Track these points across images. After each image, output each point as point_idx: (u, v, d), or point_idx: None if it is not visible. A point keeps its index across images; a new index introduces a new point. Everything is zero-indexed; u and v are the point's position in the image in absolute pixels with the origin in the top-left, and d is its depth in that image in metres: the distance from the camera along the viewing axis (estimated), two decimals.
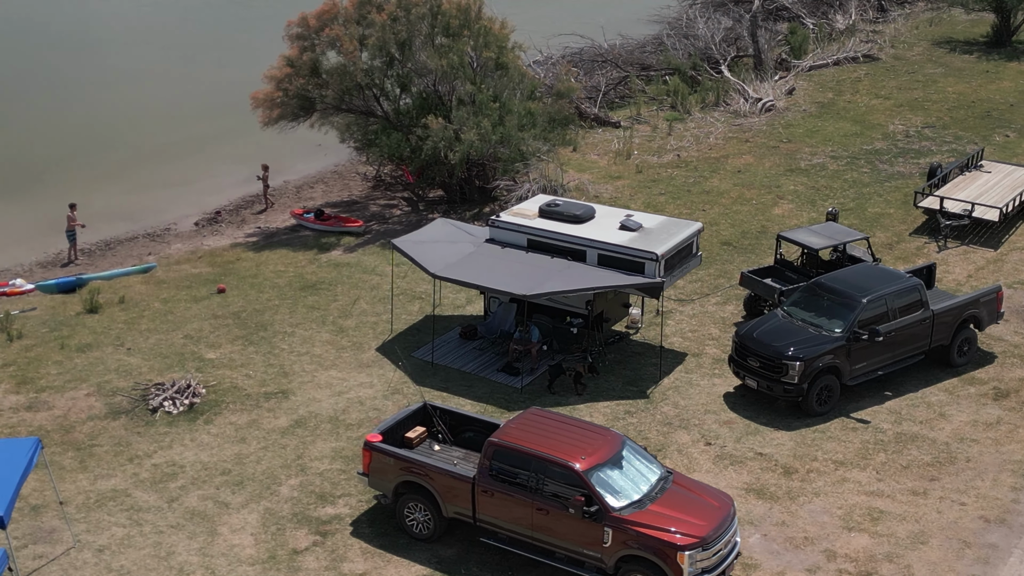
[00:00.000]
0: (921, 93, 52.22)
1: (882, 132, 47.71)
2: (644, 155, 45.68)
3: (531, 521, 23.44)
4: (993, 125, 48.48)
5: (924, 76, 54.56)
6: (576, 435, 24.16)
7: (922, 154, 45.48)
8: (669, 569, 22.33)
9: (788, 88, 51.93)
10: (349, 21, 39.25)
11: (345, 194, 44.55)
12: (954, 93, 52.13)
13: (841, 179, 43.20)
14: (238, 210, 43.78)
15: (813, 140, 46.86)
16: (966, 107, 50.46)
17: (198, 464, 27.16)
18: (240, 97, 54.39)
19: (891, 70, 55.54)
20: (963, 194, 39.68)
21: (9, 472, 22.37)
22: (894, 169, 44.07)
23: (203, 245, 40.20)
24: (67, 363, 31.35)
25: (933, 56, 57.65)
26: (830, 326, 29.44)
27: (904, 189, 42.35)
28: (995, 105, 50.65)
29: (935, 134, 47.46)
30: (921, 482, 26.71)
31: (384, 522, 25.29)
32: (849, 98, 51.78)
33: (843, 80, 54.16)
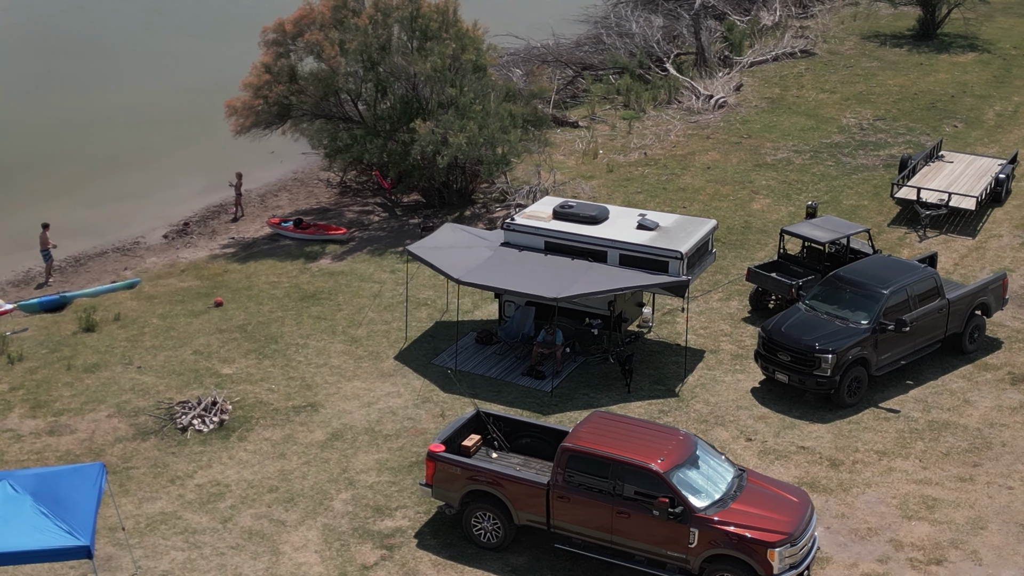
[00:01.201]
0: (864, 87, 53.18)
1: (837, 126, 48.49)
2: (610, 154, 45.78)
3: (611, 525, 23.33)
4: (940, 116, 49.58)
5: (863, 70, 55.58)
6: (648, 436, 24.11)
7: (880, 146, 46.33)
8: (759, 567, 22.37)
9: (736, 84, 52.46)
10: (327, 26, 38.61)
11: (313, 202, 43.88)
12: (895, 86, 53.19)
13: (809, 173, 43.79)
14: (206, 221, 42.86)
15: (772, 135, 47.44)
16: (910, 99, 51.52)
17: (243, 482, 26.50)
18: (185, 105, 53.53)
19: (829, 65, 56.47)
20: (933, 184, 40.47)
21: (84, 499, 21.62)
22: (857, 162, 44.81)
23: (180, 258, 39.27)
24: (78, 384, 30.36)
25: (865, 50, 58.77)
26: (856, 318, 29.80)
27: (872, 181, 43.09)
28: (937, 97, 51.80)
29: (887, 126, 48.38)
30: (965, 468, 27.16)
31: (448, 532, 24.95)
32: (796, 93, 52.53)
33: (785, 76, 54.92)
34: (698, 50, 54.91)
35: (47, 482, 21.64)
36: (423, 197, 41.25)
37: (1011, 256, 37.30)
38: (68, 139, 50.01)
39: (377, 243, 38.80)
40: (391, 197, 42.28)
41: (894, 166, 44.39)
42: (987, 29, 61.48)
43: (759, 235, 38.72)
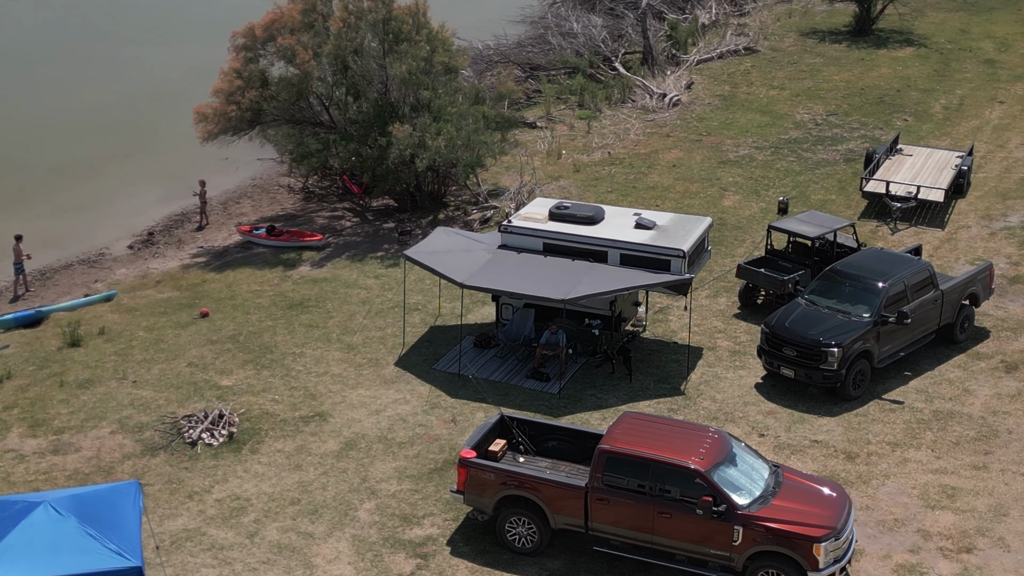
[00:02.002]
0: (811, 83, 53.82)
1: (792, 122, 49.00)
2: (573, 154, 45.78)
3: (652, 525, 23.29)
4: (890, 110, 50.34)
5: (807, 66, 56.25)
6: (683, 435, 24.13)
7: (837, 141, 46.91)
8: (805, 562, 22.48)
9: (687, 83, 52.78)
10: (297, 30, 38.09)
11: (278, 208, 43.29)
12: (841, 81, 53.90)
13: (773, 169, 44.19)
14: (170, 230, 42.10)
15: (731, 132, 47.80)
16: (857, 94, 52.23)
17: (263, 496, 26.03)
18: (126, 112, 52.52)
19: (773, 61, 57.06)
20: (897, 177, 41.06)
21: (127, 519, 21.09)
22: (818, 157, 45.32)
23: (150, 269, 38.51)
24: (74, 401, 29.61)
25: (806, 46, 59.48)
26: (857, 311, 30.10)
27: (836, 176, 43.62)
28: (884, 91, 52.59)
29: (840, 121, 49.00)
30: (977, 457, 27.56)
31: (480, 539, 24.75)
32: (746, 90, 52.99)
33: (733, 73, 55.37)
34: (646, 49, 55.15)
35: (88, 503, 21.06)
36: (395, 201, 40.85)
37: (983, 246, 37.95)
38: (8, 150, 48.70)
39: (355, 249, 38.39)
40: (361, 202, 41.84)
41: (854, 160, 44.98)
42: (920, 24, 62.58)
43: (735, 231, 38.95)
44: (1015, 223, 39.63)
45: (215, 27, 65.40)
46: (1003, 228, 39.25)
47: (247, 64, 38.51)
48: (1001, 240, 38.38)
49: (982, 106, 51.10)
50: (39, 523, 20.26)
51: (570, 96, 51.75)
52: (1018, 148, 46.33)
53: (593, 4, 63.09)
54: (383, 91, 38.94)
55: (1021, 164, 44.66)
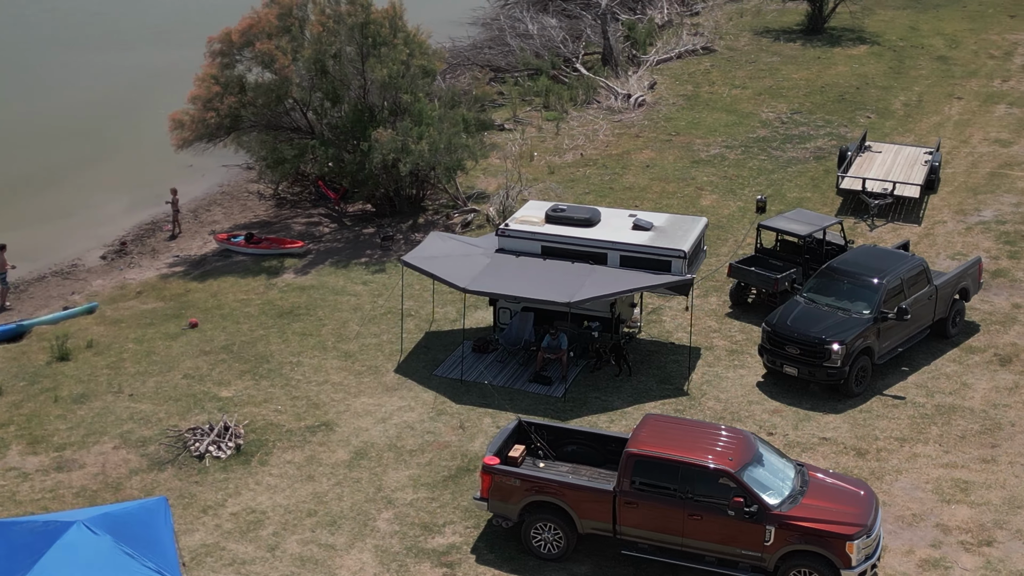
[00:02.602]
0: (772, 81, 54.17)
1: (758, 120, 49.28)
2: (545, 156, 45.68)
3: (682, 528, 23.21)
4: (852, 108, 50.81)
5: (765, 65, 56.62)
6: (709, 437, 24.11)
7: (805, 139, 47.25)
8: (839, 560, 22.53)
9: (650, 83, 52.91)
10: (274, 35, 37.63)
11: (250, 215, 42.75)
12: (801, 80, 54.32)
13: (746, 167, 44.39)
14: (142, 239, 41.42)
15: (699, 131, 47.97)
16: (819, 92, 52.67)
17: (279, 508, 25.64)
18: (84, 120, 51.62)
19: (731, 61, 57.38)
20: (871, 173, 41.42)
21: (161, 536, 20.68)
22: (788, 155, 45.60)
23: (128, 279, 37.87)
24: (71, 416, 28.99)
25: (761, 45, 59.89)
26: (857, 308, 30.29)
27: (808, 173, 43.91)
28: (844, 89, 53.07)
29: (805, 120, 49.38)
30: (984, 450, 27.82)
31: (504, 545, 24.56)
32: (709, 89, 53.23)
33: (693, 72, 55.60)
34: (606, 50, 55.18)
35: (120, 521, 20.61)
36: (373, 206, 40.49)
37: (961, 241, 38.38)
38: None
39: (337, 255, 38.01)
40: (337, 207, 41.42)
41: (824, 158, 45.33)
42: (870, 22, 63.28)
43: (716, 231, 39.04)
44: (989, 217, 40.11)
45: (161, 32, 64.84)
46: (978, 223, 39.70)
47: (223, 70, 37.92)
48: (978, 235, 38.81)
49: (941, 102, 51.72)
50: (74, 543, 19.79)
51: (534, 98, 51.60)
52: (981, 144, 46.93)
53: (545, 4, 63.05)
54: (361, 96, 38.54)
55: (987, 159, 45.23)
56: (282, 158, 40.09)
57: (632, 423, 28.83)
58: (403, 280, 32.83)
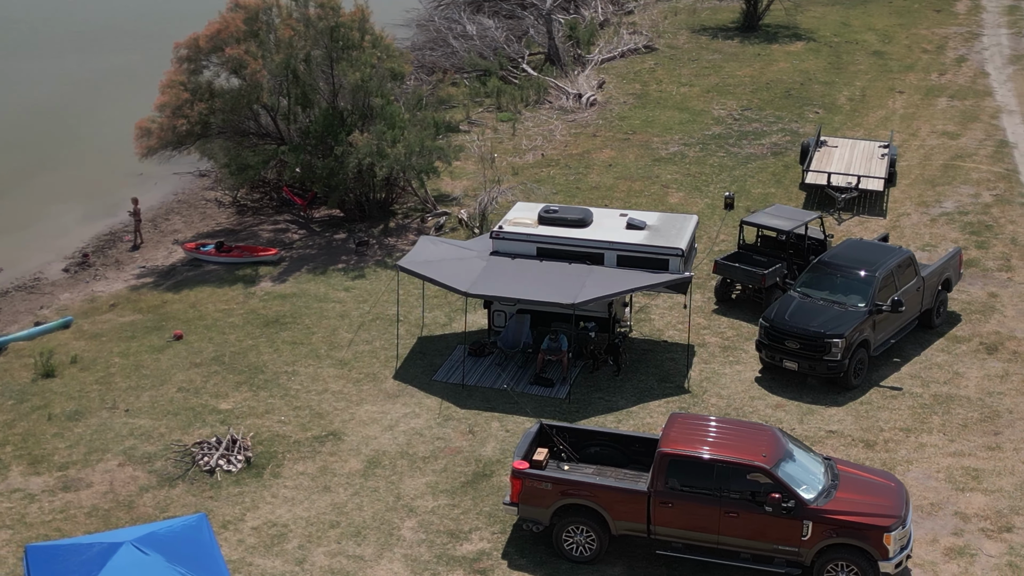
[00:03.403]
0: (717, 79, 54.58)
1: (711, 118, 49.63)
2: (505, 157, 45.54)
3: (718, 526, 23.25)
4: (799, 104, 51.39)
5: (708, 62, 57.05)
6: (739, 434, 24.21)
7: (759, 135, 47.67)
8: (876, 552, 22.72)
9: (599, 82, 53.03)
10: (243, 40, 37.04)
11: (212, 223, 42.04)
12: (745, 77, 54.81)
13: (707, 165, 44.68)
14: (104, 251, 40.52)
15: (655, 130, 48.18)
16: (765, 89, 53.18)
17: (300, 520, 25.24)
18: (21, 131, 50.30)
19: (674, 59, 57.73)
20: (831, 168, 41.91)
21: (209, 554, 20.21)
22: (746, 152, 45.98)
23: (96, 292, 37.01)
24: (68, 434, 28.26)
25: (701, 43, 60.32)
26: (852, 301, 30.62)
27: (768, 169, 44.32)
28: (788, 85, 53.66)
29: (757, 116, 49.82)
30: (988, 438, 28.29)
31: (534, 550, 24.43)
32: (657, 87, 53.48)
33: (638, 71, 55.84)
34: (551, 50, 55.17)
35: (167, 540, 20.16)
36: (342, 212, 40.03)
37: (928, 232, 39.00)
38: None
39: (312, 262, 37.52)
40: (304, 213, 40.90)
41: (780, 153, 45.79)
42: (803, 19, 64.04)
43: None
44: (951, 208, 40.79)
45: (89, 38, 63.57)
46: (941, 214, 40.36)
47: (191, 76, 37.23)
48: (943, 226, 39.46)
49: (884, 96, 52.51)
50: (126, 564, 19.30)
51: (485, 99, 51.41)
52: (930, 136, 47.70)
53: (480, 5, 62.84)
54: (331, 100, 38.08)
55: (938, 151, 45.99)
56: (245, 164, 39.43)
57: (638, 423, 28.85)
58: (399, 286, 32.40)
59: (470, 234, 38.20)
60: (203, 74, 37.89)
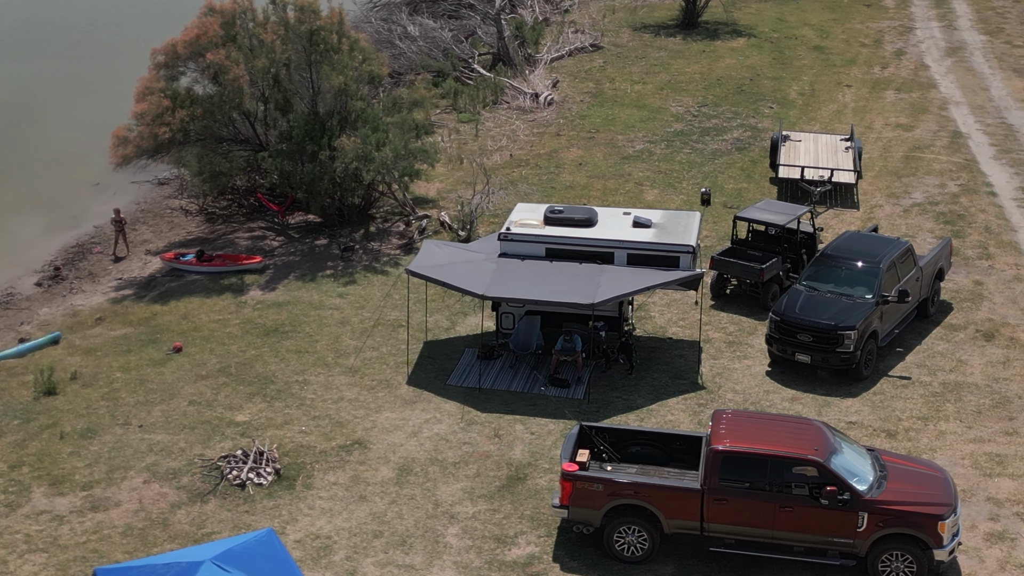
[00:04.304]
0: (668, 76, 54.89)
1: (670, 115, 49.89)
2: (473, 158, 45.32)
3: (773, 521, 23.33)
4: (753, 99, 51.87)
5: (656, 60, 57.33)
6: (787, 428, 24.38)
7: (721, 131, 48.03)
8: (930, 539, 22.99)
9: (553, 81, 53.03)
10: (221, 45, 36.37)
11: (182, 232, 41.23)
12: (695, 74, 55.18)
13: (675, 162, 44.90)
14: (74, 263, 39.52)
15: (617, 128, 48.30)
16: (717, 85, 53.58)
17: (342, 531, 24.86)
18: None
19: (621, 57, 57.92)
20: (800, 161, 42.35)
21: (287, 567, 19.77)
22: (711, 148, 46.29)
23: (77, 306, 36.11)
24: (84, 452, 27.53)
25: (645, 41, 60.60)
26: (859, 293, 30.97)
27: (736, 164, 44.68)
28: (739, 81, 54.13)
29: (714, 112, 50.18)
30: (1004, 423, 28.79)
31: (584, 552, 24.36)
32: (610, 85, 53.62)
33: (589, 70, 55.93)
34: (500, 49, 55.03)
35: (244, 556, 19.72)
36: (321, 217, 39.50)
37: (904, 223, 39.60)
38: None
39: (298, 268, 36.97)
40: (280, 219, 40.29)
41: (744, 149, 46.19)
42: (741, 16, 64.61)
43: None
44: (921, 199, 41.47)
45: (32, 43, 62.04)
46: (913, 205, 41.01)
47: (168, 82, 36.48)
48: (917, 216, 40.09)
49: (832, 90, 53.21)
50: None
51: (440, 100, 51.09)
52: (885, 129, 48.45)
53: (416, 5, 62.40)
54: (312, 104, 37.56)
55: (896, 144, 46.71)
56: (218, 171, 38.75)
57: (659, 420, 28.89)
58: (408, 291, 32.01)
59: (455, 236, 37.94)
60: (179, 80, 37.08)
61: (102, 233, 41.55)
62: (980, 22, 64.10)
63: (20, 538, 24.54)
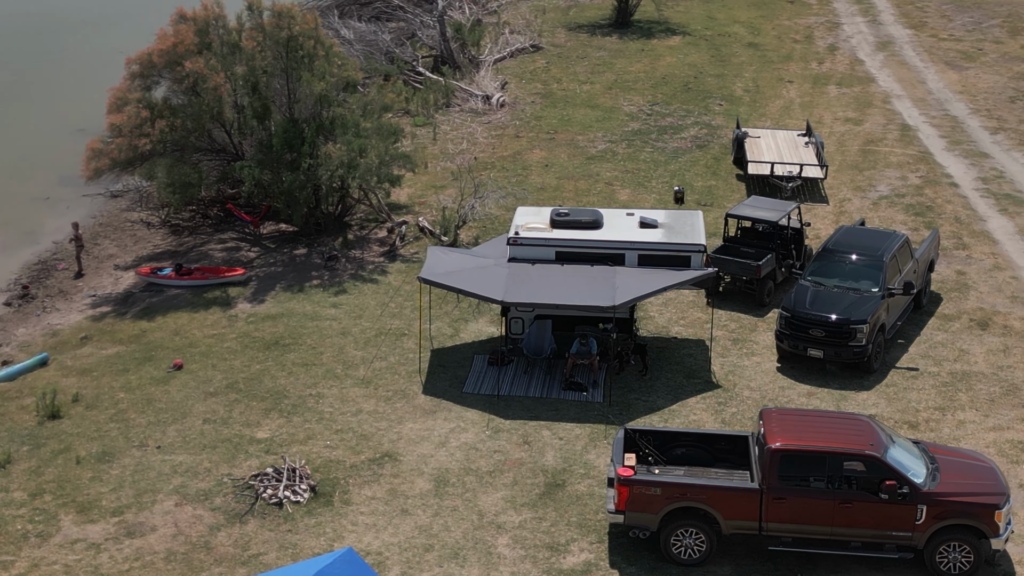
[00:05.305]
0: (613, 75, 54.97)
1: (624, 114, 49.96)
2: (438, 162, 44.91)
3: (832, 517, 23.42)
4: (701, 97, 52.19)
5: (597, 60, 57.38)
6: (838, 424, 24.53)
7: (677, 129, 48.23)
8: (987, 529, 23.26)
9: (501, 83, 52.81)
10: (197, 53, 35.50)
11: (149, 246, 40.19)
12: (639, 73, 55.35)
13: (640, 161, 44.97)
14: (41, 281, 38.28)
15: (575, 128, 48.23)
16: (663, 84, 53.82)
17: (392, 547, 24.41)
18: None
19: (562, 57, 57.87)
20: (765, 157, 42.72)
21: None
22: (671, 146, 46.46)
23: (55, 325, 34.95)
24: (107, 477, 26.65)
25: (581, 40, 60.61)
26: (865, 286, 31.28)
27: (700, 162, 44.89)
28: (684, 79, 54.43)
29: (666, 110, 50.38)
30: (1018, 410, 29.31)
31: (640, 556, 24.25)
32: (558, 86, 53.53)
33: (533, 70, 55.79)
34: (444, 51, 54.63)
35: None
36: (296, 226, 38.77)
37: (876, 215, 40.14)
38: None
39: (283, 280, 36.25)
40: (254, 230, 39.47)
41: (705, 146, 46.45)
42: (671, 14, 64.99)
43: None
44: (887, 192, 42.06)
45: None
46: (881, 198, 41.58)
47: (144, 93, 35.50)
48: (887, 208, 40.64)
49: (776, 87, 53.76)
50: None
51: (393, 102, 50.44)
52: (835, 123, 49.07)
53: (344, 8, 61.66)
54: (289, 112, 36.84)
55: (849, 138, 47.34)
56: (188, 183, 37.86)
57: (682, 420, 28.88)
58: (420, 301, 31.51)
59: (437, 242, 37.52)
60: (153, 90, 36.12)
61: (63, 249, 40.32)
62: (902, 16, 65.26)
63: (59, 569, 23.63)
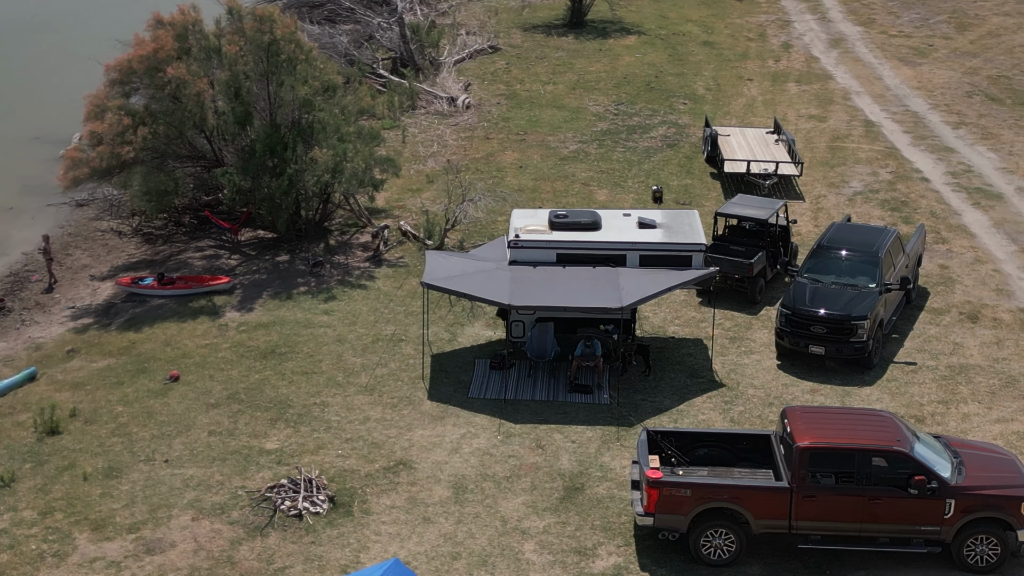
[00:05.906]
0: (575, 76, 54.92)
1: (591, 114, 49.92)
2: (410, 164, 44.58)
3: (861, 514, 23.50)
4: (664, 96, 52.30)
5: (556, 60, 57.30)
6: (863, 421, 24.65)
7: (646, 128, 48.28)
8: (1015, 521, 23.48)
9: (465, 84, 52.57)
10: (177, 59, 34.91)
11: (123, 255, 39.48)
12: (600, 72, 55.34)
13: (613, 160, 44.95)
14: (15, 294, 37.47)
15: (544, 129, 48.11)
16: (625, 83, 53.84)
17: (419, 556, 24.12)
18: None
19: (521, 58, 57.73)
20: (738, 155, 42.90)
21: None
22: (642, 145, 46.49)
23: (37, 338, 34.21)
24: (117, 493, 26.09)
25: (538, 41, 60.50)
26: (862, 282, 31.47)
27: (673, 161, 44.97)
28: (645, 79, 54.50)
29: (632, 110, 50.42)
30: (1020, 402, 29.62)
31: (669, 558, 24.18)
32: (521, 87, 53.39)
33: (494, 71, 55.60)
34: (406, 53, 54.29)
35: None
36: (277, 232, 38.26)
37: (854, 211, 40.43)
38: None
39: (269, 287, 35.75)
40: (233, 236, 38.90)
41: (675, 145, 46.55)
42: (624, 14, 65.07)
43: None
44: (860, 188, 42.39)
45: None
46: (855, 193, 41.90)
47: (124, 99, 34.83)
48: (863, 204, 40.96)
49: (736, 85, 54.02)
50: None
51: None
52: (800, 120, 49.41)
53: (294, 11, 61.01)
54: (271, 117, 36.34)
55: (816, 134, 47.68)
56: (163, 191, 37.26)
57: (691, 420, 28.85)
58: (425, 306, 31.19)
59: (421, 246, 37.23)
60: (132, 97, 35.47)
61: (34, 260, 39.51)
62: (850, 13, 65.85)
63: None
